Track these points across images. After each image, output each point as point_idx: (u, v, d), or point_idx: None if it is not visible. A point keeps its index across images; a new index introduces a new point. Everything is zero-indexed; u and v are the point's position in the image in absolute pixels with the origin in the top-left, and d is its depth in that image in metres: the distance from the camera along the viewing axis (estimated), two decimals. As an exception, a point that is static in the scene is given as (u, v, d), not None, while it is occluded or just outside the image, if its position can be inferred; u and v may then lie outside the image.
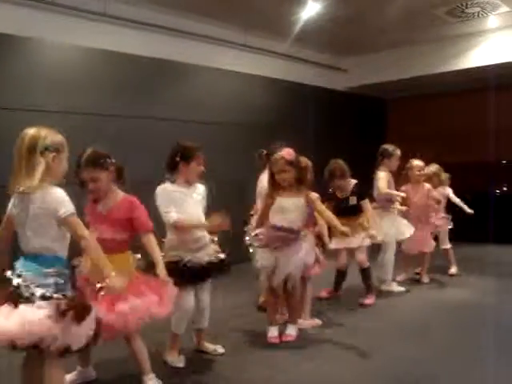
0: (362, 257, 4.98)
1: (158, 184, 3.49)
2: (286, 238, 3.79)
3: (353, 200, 4.94)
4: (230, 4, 6.39)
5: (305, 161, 4.22)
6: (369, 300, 4.97)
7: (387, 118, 10.17)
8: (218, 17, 6.82)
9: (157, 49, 6.36)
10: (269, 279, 3.91)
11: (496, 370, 3.33)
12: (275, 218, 3.83)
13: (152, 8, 6.29)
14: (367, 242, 4.92)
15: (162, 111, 6.31)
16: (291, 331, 3.98)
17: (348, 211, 4.89)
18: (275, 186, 3.86)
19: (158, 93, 6.33)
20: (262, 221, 3.91)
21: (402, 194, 5.48)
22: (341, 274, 5.20)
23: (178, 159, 3.46)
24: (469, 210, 6.19)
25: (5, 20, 5.16)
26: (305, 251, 3.87)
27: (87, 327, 2.45)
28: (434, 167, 6.17)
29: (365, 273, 5.04)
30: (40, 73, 5.34)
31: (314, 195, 3.95)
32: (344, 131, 8.56)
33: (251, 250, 3.95)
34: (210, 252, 3.50)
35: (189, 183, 3.51)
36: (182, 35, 6.66)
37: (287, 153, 3.84)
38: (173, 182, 3.47)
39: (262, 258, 3.87)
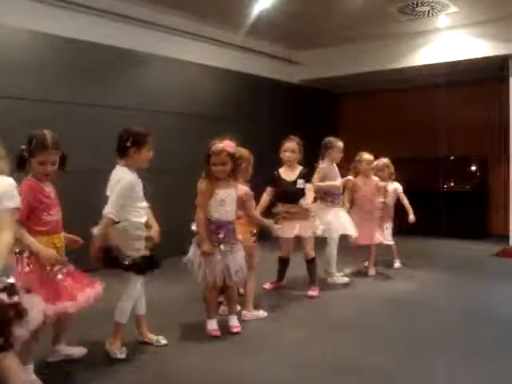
0: (309, 247, 5.02)
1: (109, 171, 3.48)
2: (228, 231, 3.80)
3: (300, 183, 4.93)
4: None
5: (246, 153, 4.24)
6: (313, 292, 5.02)
7: (339, 112, 10.28)
8: (173, 5, 6.73)
9: (109, 36, 6.22)
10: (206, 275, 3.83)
11: (436, 358, 3.42)
12: (215, 211, 3.79)
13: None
14: (315, 232, 4.98)
15: (113, 99, 6.21)
16: (234, 322, 3.97)
17: (295, 196, 4.92)
18: (212, 178, 3.80)
19: (110, 81, 6.23)
20: (204, 214, 3.82)
21: (335, 183, 5.42)
22: (284, 262, 5.23)
23: (129, 144, 3.41)
24: (412, 217, 6.24)
25: None
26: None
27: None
28: (385, 159, 6.29)
29: (310, 264, 5.08)
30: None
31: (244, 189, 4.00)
32: (297, 124, 8.56)
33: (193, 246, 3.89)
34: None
35: (138, 169, 3.49)
36: (136, 23, 6.55)
37: (228, 145, 3.78)
38: (127, 166, 3.43)
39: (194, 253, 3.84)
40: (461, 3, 6.69)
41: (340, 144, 5.51)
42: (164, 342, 3.65)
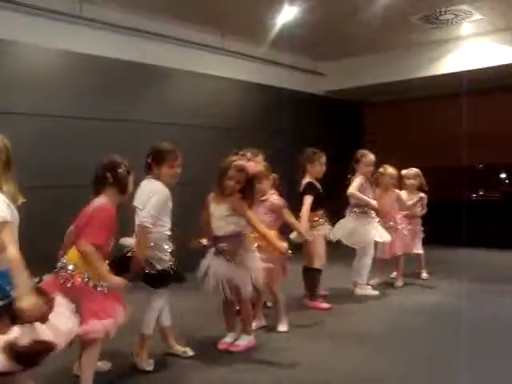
0: None
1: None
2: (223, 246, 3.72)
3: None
4: (207, 8, 6.40)
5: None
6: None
7: (365, 123, 10.26)
8: (196, 21, 6.82)
9: (133, 52, 6.34)
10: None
11: (460, 371, 3.34)
12: (213, 225, 3.76)
13: (130, 12, 6.29)
14: None
15: (138, 114, 6.31)
16: (241, 341, 3.87)
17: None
18: (220, 192, 3.76)
19: (134, 96, 6.32)
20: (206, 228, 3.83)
21: (370, 201, 5.36)
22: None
23: (149, 161, 3.49)
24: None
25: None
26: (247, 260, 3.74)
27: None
28: (415, 169, 6.21)
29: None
30: (15, 75, 5.30)
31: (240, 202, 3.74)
32: (321, 135, 8.58)
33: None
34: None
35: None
36: (160, 39, 6.66)
37: (252, 167, 3.73)
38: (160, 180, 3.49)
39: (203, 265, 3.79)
40: (484, 10, 6.64)
41: (370, 158, 5.44)
42: (191, 353, 3.68)
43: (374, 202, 5.40)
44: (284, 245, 3.76)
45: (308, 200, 4.82)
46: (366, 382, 3.24)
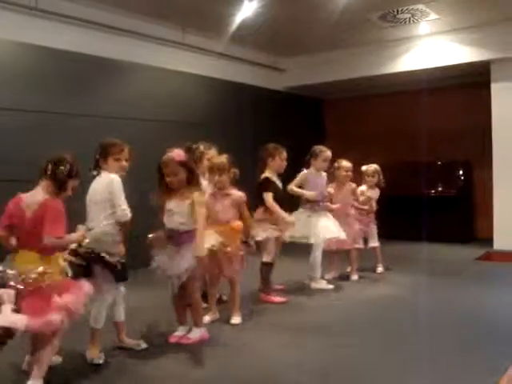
0: None
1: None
2: (173, 240, 3.74)
3: None
4: (168, 3, 6.39)
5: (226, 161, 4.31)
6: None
7: (325, 119, 10.36)
8: (156, 15, 6.81)
9: (93, 46, 6.28)
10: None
11: (415, 364, 3.40)
12: (166, 221, 3.76)
13: (88, 4, 6.23)
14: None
15: (96, 109, 6.24)
16: (192, 334, 3.88)
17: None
18: (164, 189, 3.76)
19: (93, 90, 6.27)
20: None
21: (306, 192, 5.40)
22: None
23: (97, 156, 3.52)
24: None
25: None
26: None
27: None
28: (374, 165, 6.31)
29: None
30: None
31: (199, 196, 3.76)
32: (282, 131, 8.59)
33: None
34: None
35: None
36: (119, 33, 6.61)
37: (177, 154, 3.73)
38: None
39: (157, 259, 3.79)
40: (441, 10, 6.80)
41: (326, 154, 5.52)
42: (144, 345, 3.68)
43: (309, 193, 5.40)
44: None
45: (268, 196, 4.91)
46: (318, 375, 3.27)
